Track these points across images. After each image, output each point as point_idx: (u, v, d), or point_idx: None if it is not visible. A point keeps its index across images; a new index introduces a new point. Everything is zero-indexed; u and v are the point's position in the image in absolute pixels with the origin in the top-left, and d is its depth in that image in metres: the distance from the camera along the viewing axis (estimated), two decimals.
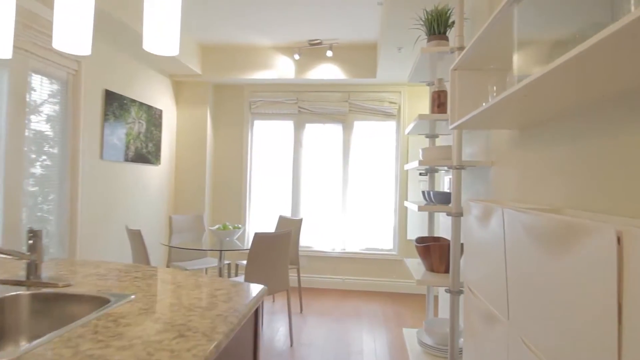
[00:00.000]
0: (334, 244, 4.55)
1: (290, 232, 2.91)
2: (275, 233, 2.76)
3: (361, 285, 4.49)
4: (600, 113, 1.01)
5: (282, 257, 2.88)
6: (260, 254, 2.72)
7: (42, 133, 2.73)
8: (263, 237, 2.70)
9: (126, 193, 3.63)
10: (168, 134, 4.37)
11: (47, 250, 2.80)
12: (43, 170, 2.76)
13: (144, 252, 2.68)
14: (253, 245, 2.68)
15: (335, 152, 4.58)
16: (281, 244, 2.84)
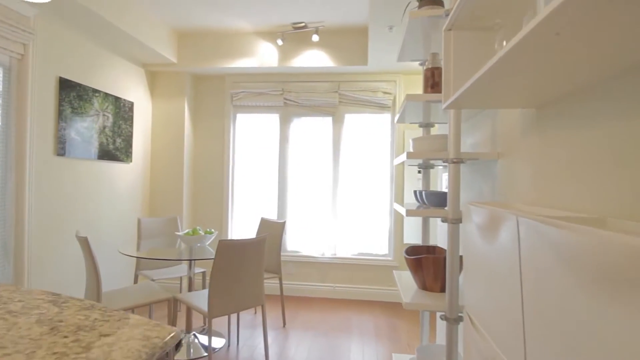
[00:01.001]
0: (323, 249, 4.17)
1: (264, 238, 2.53)
2: (244, 240, 2.39)
3: (353, 294, 4.10)
4: None
5: (254, 268, 2.50)
6: (226, 264, 2.34)
7: None
8: (229, 245, 2.32)
9: (89, 194, 3.26)
10: (141, 129, 4.00)
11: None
12: None
13: (92, 261, 2.31)
14: (217, 255, 2.30)
15: (325, 148, 4.20)
16: (253, 253, 2.46)
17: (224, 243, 2.30)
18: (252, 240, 2.43)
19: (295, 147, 4.24)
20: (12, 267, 2.59)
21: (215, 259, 2.30)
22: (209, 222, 4.32)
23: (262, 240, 2.52)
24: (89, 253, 2.31)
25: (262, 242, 2.51)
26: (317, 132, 4.21)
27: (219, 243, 2.29)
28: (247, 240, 2.40)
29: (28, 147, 2.66)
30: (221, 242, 2.29)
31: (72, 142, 3.04)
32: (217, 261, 2.30)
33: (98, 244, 3.37)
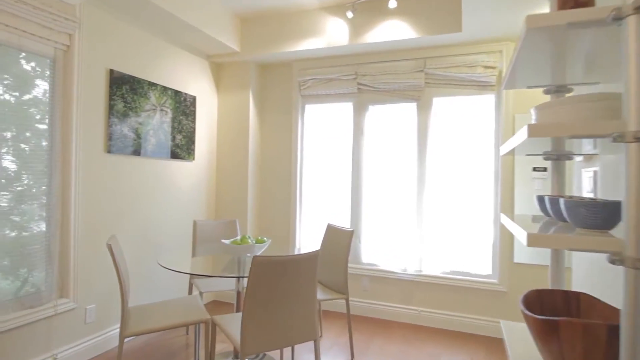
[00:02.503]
0: (406, 263, 3.43)
1: (315, 255, 1.94)
2: (288, 257, 1.82)
3: (443, 322, 3.29)
4: None
5: (303, 293, 1.93)
6: (263, 288, 1.80)
7: (30, 123, 2.22)
8: (265, 263, 1.78)
9: (145, 194, 3.04)
10: (205, 124, 3.73)
11: (31, 263, 2.28)
12: (22, 165, 2.25)
13: (117, 269, 1.98)
14: (251, 277, 1.78)
15: (408, 140, 3.45)
16: (301, 273, 1.89)
17: (258, 261, 1.76)
18: (299, 257, 1.86)
19: (371, 140, 3.57)
20: (57, 273, 2.42)
21: (248, 281, 1.78)
22: (275, 227, 3.90)
23: (313, 257, 1.93)
24: (114, 263, 1.98)
25: (312, 260, 1.93)
26: (398, 121, 3.49)
27: (253, 260, 1.76)
28: (292, 258, 1.84)
29: (74, 144, 2.48)
30: (255, 260, 1.76)
31: (125, 139, 2.84)
32: (251, 284, 1.78)
33: (156, 249, 3.15)
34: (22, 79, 2.25)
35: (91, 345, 2.62)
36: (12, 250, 2.20)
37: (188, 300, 2.44)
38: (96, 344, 2.65)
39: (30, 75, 2.29)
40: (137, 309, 2.29)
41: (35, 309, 2.28)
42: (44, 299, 2.33)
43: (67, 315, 2.48)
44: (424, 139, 3.38)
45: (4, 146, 2.15)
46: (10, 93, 2.19)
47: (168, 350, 2.76)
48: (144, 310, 2.27)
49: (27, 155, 2.27)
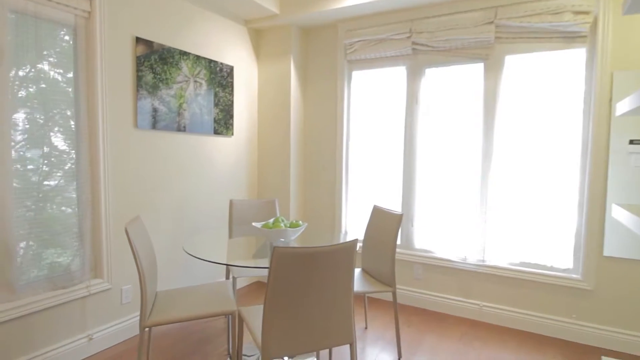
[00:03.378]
0: (466, 251, 2.98)
1: (352, 245, 1.61)
2: (314, 249, 1.52)
3: (510, 321, 2.83)
4: None
5: (336, 290, 1.62)
6: (286, 285, 1.52)
7: (49, 96, 2.11)
8: (288, 255, 1.49)
9: (179, 172, 2.89)
10: (244, 97, 3.48)
11: (61, 242, 2.22)
12: (49, 142, 2.15)
13: (134, 255, 1.82)
14: (272, 271, 1.50)
15: (472, 109, 2.93)
16: (334, 267, 1.58)
17: (279, 252, 1.48)
18: (330, 248, 1.54)
19: (427, 109, 3.09)
20: (89, 253, 2.35)
21: (269, 276, 1.50)
22: (319, 209, 3.61)
23: (349, 249, 1.60)
24: (131, 248, 1.81)
25: (348, 251, 1.60)
26: (460, 87, 2.96)
27: (274, 251, 1.48)
28: (320, 249, 1.53)
29: (100, 119, 2.35)
30: (276, 252, 1.48)
31: (156, 113, 2.67)
32: (272, 280, 1.51)
33: (192, 229, 3.02)
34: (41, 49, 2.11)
35: (128, 325, 2.56)
36: (43, 231, 2.14)
37: (219, 287, 2.26)
38: (133, 325, 2.60)
39: (51, 44, 2.15)
40: (164, 295, 2.15)
41: (67, 289, 2.24)
42: (76, 280, 2.27)
43: (102, 296, 2.42)
44: (492, 106, 2.84)
45: (37, 123, 2.05)
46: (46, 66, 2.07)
47: (202, 336, 2.64)
48: (171, 296, 2.12)
49: (54, 131, 2.17)
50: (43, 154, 2.13)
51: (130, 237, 1.80)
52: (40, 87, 2.11)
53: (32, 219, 2.09)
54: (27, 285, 2.08)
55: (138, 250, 1.83)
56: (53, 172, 2.18)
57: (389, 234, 2.38)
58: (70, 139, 2.26)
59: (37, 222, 2.11)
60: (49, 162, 2.16)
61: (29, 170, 2.08)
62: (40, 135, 2.12)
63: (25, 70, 2.04)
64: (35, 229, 2.11)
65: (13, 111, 2.00)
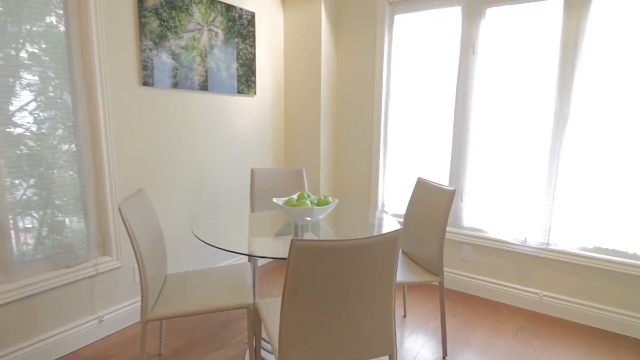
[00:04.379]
0: (527, 232, 2.53)
1: (395, 236, 1.22)
2: (344, 242, 1.14)
3: (577, 315, 2.40)
4: None
5: (373, 291, 1.26)
6: (307, 285, 1.17)
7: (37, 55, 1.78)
8: (310, 249, 1.13)
9: (194, 136, 2.56)
10: (268, 49, 3.04)
11: (62, 217, 1.98)
12: (40, 105, 1.85)
13: (131, 238, 1.53)
14: (291, 268, 1.15)
15: (543, 60, 2.36)
16: (370, 263, 1.21)
17: (298, 247, 1.11)
18: (366, 242, 1.16)
19: (486, 60, 2.54)
20: (95, 229, 2.10)
21: (287, 274, 1.15)
22: (352, 180, 3.21)
23: (390, 242, 1.22)
24: (127, 231, 1.51)
25: (389, 245, 1.22)
26: (530, 30, 2.38)
27: (291, 245, 1.12)
28: (352, 243, 1.15)
29: (98, 75, 2.01)
30: (294, 246, 1.11)
31: (164, 68, 2.30)
32: (290, 279, 1.16)
33: (210, 203, 2.73)
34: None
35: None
36: (38, 203, 1.89)
37: (237, 272, 1.96)
38: None
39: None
40: (175, 279, 1.88)
41: (72, 268, 2.01)
42: (80, 258, 2.04)
43: (112, 275, 2.20)
44: (572, 54, 2.26)
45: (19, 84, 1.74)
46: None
47: (224, 318, 2.40)
48: (181, 282, 1.84)
49: (45, 91, 1.86)
50: (37, 115, 1.84)
51: (126, 217, 1.49)
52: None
53: (28, 188, 1.83)
54: (24, 264, 1.86)
55: (136, 233, 1.53)
56: (46, 140, 1.89)
57: (438, 214, 1.96)
58: (62, 103, 1.95)
59: (35, 192, 1.86)
60: (44, 124, 1.87)
61: (26, 135, 1.79)
62: (33, 92, 1.81)
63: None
64: (34, 201, 1.86)
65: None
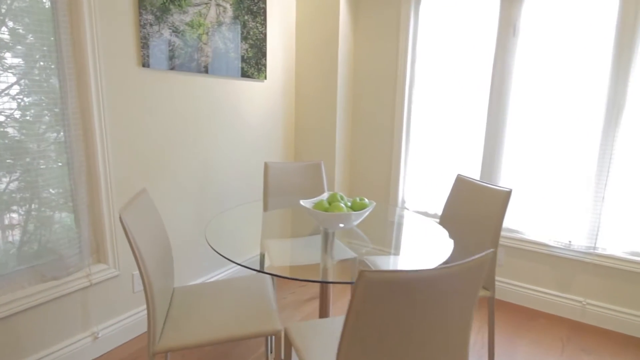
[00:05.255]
0: (570, 234, 2.29)
1: (483, 261, 0.96)
2: (426, 273, 0.87)
3: (626, 326, 2.19)
4: None
5: (449, 325, 1.00)
6: (376, 326, 0.91)
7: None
8: (383, 284, 0.86)
9: (199, 125, 2.26)
10: (280, 28, 2.73)
11: (48, 220, 1.68)
12: (24, 89, 1.53)
13: (133, 249, 1.25)
14: (355, 306, 0.88)
15: (596, 44, 2.10)
16: (450, 294, 0.95)
17: (367, 278, 0.84)
18: (451, 270, 0.90)
19: (529, 43, 2.28)
20: (88, 233, 1.81)
21: (349, 313, 0.88)
22: (370, 175, 2.94)
23: (481, 266, 0.95)
24: (128, 240, 1.23)
25: (478, 270, 0.96)
26: (580, 11, 2.11)
27: (359, 278, 0.85)
28: (437, 273, 0.88)
29: (91, 55, 1.69)
30: (365, 277, 0.84)
31: (168, 47, 1.99)
32: (353, 321, 0.89)
33: (217, 200, 2.44)
34: None
35: (142, 317, 2.08)
36: (21, 204, 1.58)
37: (253, 283, 1.68)
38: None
39: None
40: (183, 295, 1.60)
41: (61, 280, 1.72)
42: (71, 267, 1.75)
43: (108, 285, 1.91)
44: (630, 37, 2.00)
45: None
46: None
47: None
48: (191, 299, 1.56)
49: (30, 73, 1.54)
50: (20, 101, 1.52)
51: (128, 227, 1.20)
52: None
53: (7, 186, 1.53)
54: (3, 277, 1.56)
55: (140, 246, 1.25)
56: (31, 129, 1.58)
57: (489, 218, 1.71)
58: (54, 85, 1.63)
59: (18, 184, 1.55)
60: (27, 111, 1.56)
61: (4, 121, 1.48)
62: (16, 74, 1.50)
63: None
64: (16, 201, 1.55)
65: None
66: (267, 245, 1.48)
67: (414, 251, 1.44)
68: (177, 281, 2.27)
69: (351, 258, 1.36)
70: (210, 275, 2.46)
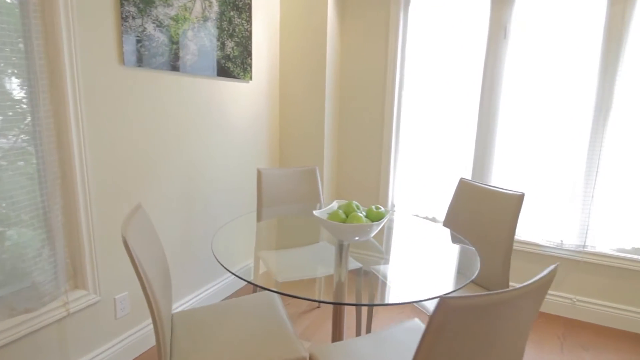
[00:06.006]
0: (562, 234, 2.35)
1: (553, 275, 0.90)
2: (504, 294, 0.79)
3: (617, 320, 2.27)
4: None
5: (516, 342, 0.93)
6: (452, 351, 0.81)
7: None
8: (464, 309, 0.77)
9: (183, 131, 2.07)
10: (264, 26, 2.58)
11: (17, 245, 1.42)
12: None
13: (138, 273, 1.07)
14: (434, 333, 0.78)
15: (584, 48, 2.16)
16: (515, 315, 0.88)
17: (452, 306, 0.75)
18: (527, 289, 0.83)
19: (517, 47, 2.30)
20: (64, 256, 1.57)
21: (425, 342, 0.78)
22: (358, 177, 2.87)
23: (548, 282, 0.89)
24: (133, 264, 1.05)
25: (545, 286, 0.89)
26: (569, 15, 2.16)
27: (441, 305, 0.75)
28: (513, 293, 0.80)
29: (67, 51, 1.47)
30: (446, 304, 0.75)
31: (151, 44, 1.79)
32: (429, 345, 0.79)
33: (203, 211, 2.25)
34: None
35: (127, 345, 1.85)
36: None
37: (260, 303, 1.54)
38: (133, 344, 1.89)
39: None
40: (183, 321, 1.42)
41: (35, 312, 1.48)
42: (46, 296, 1.51)
43: (88, 313, 1.68)
44: (617, 43, 2.07)
45: None
46: None
47: None
48: (193, 326, 1.39)
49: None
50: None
51: (133, 249, 1.03)
52: None
53: None
54: None
55: (145, 267, 1.07)
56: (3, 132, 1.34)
57: (500, 223, 1.68)
58: (24, 84, 1.39)
59: None
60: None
61: None
62: None
63: None
64: None
65: None
66: (272, 258, 1.35)
67: (439, 264, 1.37)
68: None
69: (369, 271, 1.27)
70: (196, 293, 2.26)
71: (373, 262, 1.37)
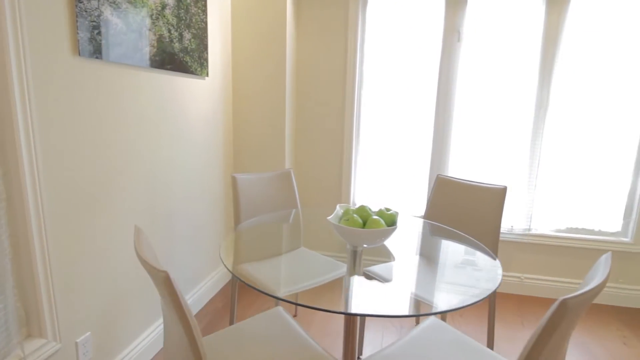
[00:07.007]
0: (511, 220, 2.60)
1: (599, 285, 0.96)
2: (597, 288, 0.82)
3: (553, 291, 2.60)
4: None
5: None
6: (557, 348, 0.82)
7: None
8: (579, 306, 0.80)
9: (145, 133, 1.78)
10: (220, 18, 2.36)
11: None
12: None
13: (177, 311, 0.87)
14: (548, 331, 0.78)
15: (527, 52, 2.41)
16: None
17: (569, 305, 0.80)
18: (601, 286, 0.87)
19: (470, 50, 2.47)
20: (13, 300, 1.22)
21: (537, 340, 0.78)
22: (318, 177, 2.81)
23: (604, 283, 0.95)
24: (173, 297, 0.85)
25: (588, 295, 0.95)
26: (513, 21, 2.39)
27: (561, 305, 0.74)
28: (596, 291, 0.84)
29: (12, 40, 1.13)
30: (565, 305, 0.74)
31: (109, 30, 1.49)
32: (541, 342, 0.78)
33: (167, 223, 1.98)
34: None
35: None
36: None
37: (271, 323, 1.39)
38: None
39: None
40: None
41: None
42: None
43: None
44: (551, 49, 2.36)
45: None
46: None
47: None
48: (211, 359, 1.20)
49: None
50: None
51: (174, 286, 0.83)
52: None
53: None
54: None
55: (185, 306, 0.88)
56: None
57: (485, 218, 1.79)
58: None
59: None
60: None
61: None
62: None
63: None
64: None
65: None
66: (260, 271, 1.24)
67: (462, 271, 1.40)
68: (134, 329, 1.75)
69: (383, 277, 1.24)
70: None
71: (384, 267, 1.33)
